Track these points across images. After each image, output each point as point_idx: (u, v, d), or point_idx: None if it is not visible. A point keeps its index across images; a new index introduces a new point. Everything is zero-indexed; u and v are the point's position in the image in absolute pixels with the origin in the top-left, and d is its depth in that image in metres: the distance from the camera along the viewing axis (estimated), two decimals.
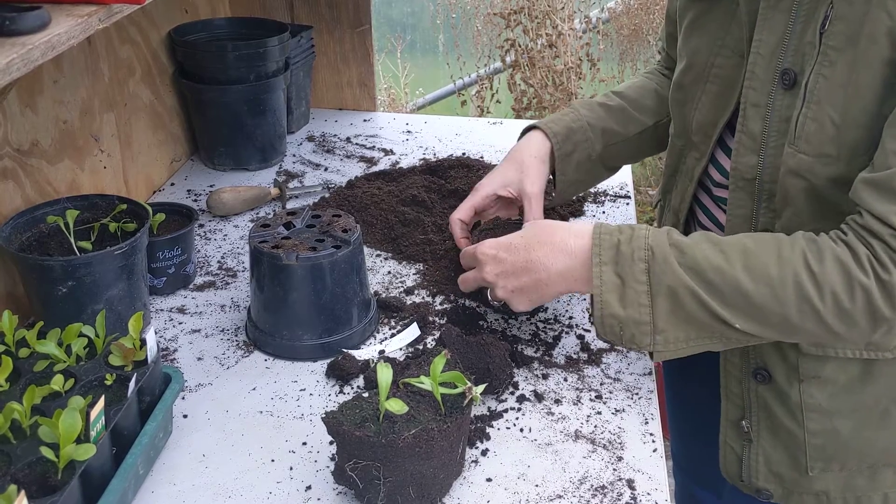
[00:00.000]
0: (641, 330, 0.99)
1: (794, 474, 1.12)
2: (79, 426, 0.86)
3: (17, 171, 1.27)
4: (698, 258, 0.96)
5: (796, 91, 0.99)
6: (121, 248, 1.18)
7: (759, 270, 0.94)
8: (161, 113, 1.72)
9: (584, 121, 1.34)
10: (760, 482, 1.14)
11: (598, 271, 1.01)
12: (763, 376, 1.10)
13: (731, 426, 1.16)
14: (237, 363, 1.22)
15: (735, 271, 0.94)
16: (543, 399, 1.14)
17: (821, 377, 1.06)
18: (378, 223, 1.53)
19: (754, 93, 1.04)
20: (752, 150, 1.04)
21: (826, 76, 0.95)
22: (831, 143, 0.95)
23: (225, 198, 1.60)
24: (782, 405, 1.09)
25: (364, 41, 2.03)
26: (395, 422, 0.93)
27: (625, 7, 3.61)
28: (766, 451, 1.12)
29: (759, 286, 0.94)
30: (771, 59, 1.02)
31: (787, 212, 1.02)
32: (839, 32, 0.94)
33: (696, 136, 1.17)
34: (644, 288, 0.98)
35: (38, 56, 0.79)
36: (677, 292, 0.96)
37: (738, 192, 1.07)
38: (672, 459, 1.62)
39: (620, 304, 0.99)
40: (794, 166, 0.98)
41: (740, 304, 0.95)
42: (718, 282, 0.95)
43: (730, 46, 1.10)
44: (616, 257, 1.00)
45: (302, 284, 1.18)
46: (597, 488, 1.00)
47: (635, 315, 0.99)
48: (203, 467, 1.04)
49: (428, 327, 1.28)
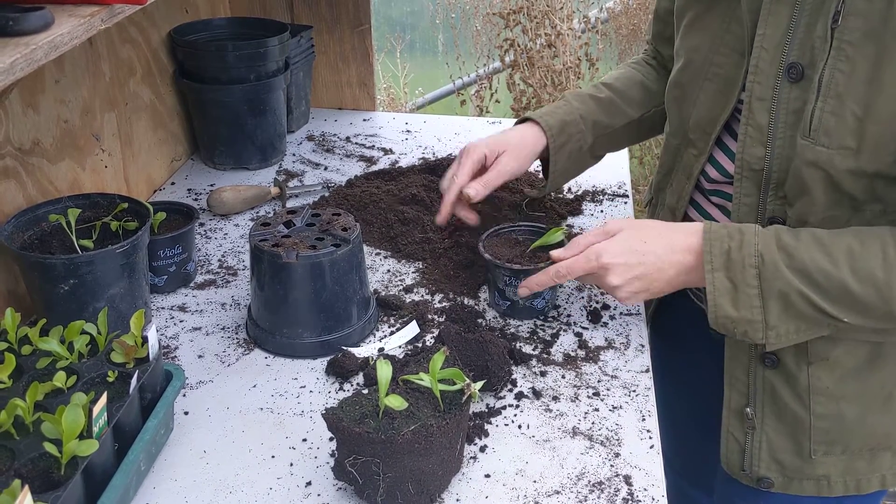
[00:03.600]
0: (754, 328, 1.04)
1: (797, 460, 1.14)
2: (81, 422, 0.87)
3: (19, 170, 1.28)
4: (806, 261, 1.00)
5: (805, 84, 1.01)
6: (122, 247, 1.18)
7: (866, 272, 0.99)
8: (161, 112, 1.73)
9: (577, 113, 1.37)
10: (762, 470, 1.16)
11: (710, 277, 1.04)
12: (772, 360, 1.12)
13: (734, 415, 1.18)
14: (238, 361, 1.23)
15: (842, 274, 0.99)
16: (541, 396, 1.15)
17: (829, 359, 1.09)
18: (377, 222, 1.54)
19: (759, 87, 1.05)
20: (760, 141, 1.06)
21: (843, 71, 0.97)
22: (852, 136, 0.98)
23: (225, 197, 1.61)
24: (790, 389, 1.12)
25: (364, 41, 2.04)
26: (395, 418, 0.94)
27: (623, 7, 3.62)
28: (769, 437, 1.15)
29: (866, 287, 0.99)
30: (775, 53, 1.04)
31: (801, 201, 1.05)
32: (855, 28, 0.96)
33: (693, 134, 1.18)
34: (755, 291, 1.02)
35: (42, 56, 0.80)
36: (788, 295, 1.01)
37: (744, 183, 1.10)
38: (663, 458, 1.62)
39: (733, 307, 1.03)
40: (812, 158, 1.00)
41: (847, 302, 1.00)
42: (826, 284, 1.00)
43: (729, 45, 1.11)
44: (727, 263, 1.04)
45: (302, 282, 1.19)
46: (594, 484, 1.01)
47: (748, 315, 1.03)
48: (204, 463, 1.05)
49: (427, 325, 1.29)
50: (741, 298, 1.03)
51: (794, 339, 1.05)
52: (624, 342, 1.26)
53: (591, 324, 1.30)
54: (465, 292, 1.37)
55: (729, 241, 1.04)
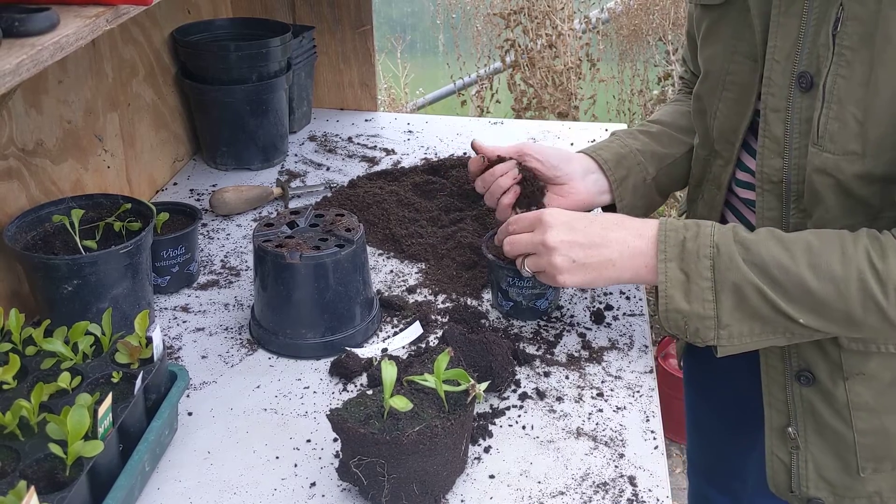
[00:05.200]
0: (706, 325, 1.01)
1: (846, 478, 1.10)
2: (87, 423, 0.87)
3: (22, 170, 1.28)
4: (763, 255, 0.98)
5: (814, 93, 1.00)
6: (126, 247, 1.18)
7: (824, 268, 0.96)
8: (164, 113, 1.73)
9: (631, 147, 1.32)
10: (811, 491, 1.12)
11: (663, 267, 1.02)
12: (807, 378, 1.09)
13: (777, 434, 1.14)
14: (241, 361, 1.23)
15: (800, 269, 0.96)
16: (545, 397, 1.15)
17: (865, 374, 1.06)
18: (380, 222, 1.54)
19: (773, 98, 1.05)
20: (777, 153, 1.05)
21: (844, 76, 0.96)
22: (856, 140, 0.96)
23: (227, 197, 1.60)
24: (829, 406, 1.08)
25: (365, 41, 2.04)
26: (399, 419, 0.94)
27: (624, 7, 3.61)
28: (815, 456, 1.11)
29: (824, 283, 0.96)
30: (787, 64, 1.03)
31: (817, 210, 1.03)
32: (853, 33, 0.95)
33: (718, 145, 1.17)
34: (709, 284, 1.00)
35: (47, 57, 0.80)
36: (742, 288, 0.98)
37: (765, 196, 1.08)
38: (688, 462, 1.62)
39: (685, 299, 1.01)
40: (821, 165, 0.99)
41: (805, 300, 0.97)
42: (783, 279, 0.97)
43: (742, 52, 1.10)
44: (681, 254, 1.02)
45: (305, 283, 1.19)
46: (598, 485, 1.01)
47: (699, 310, 1.01)
48: (208, 464, 1.05)
49: (430, 326, 1.29)
50: (693, 290, 1.01)
51: (747, 344, 1.02)
52: (627, 343, 1.26)
53: (594, 324, 1.30)
54: (468, 293, 1.37)
55: (685, 231, 1.03)
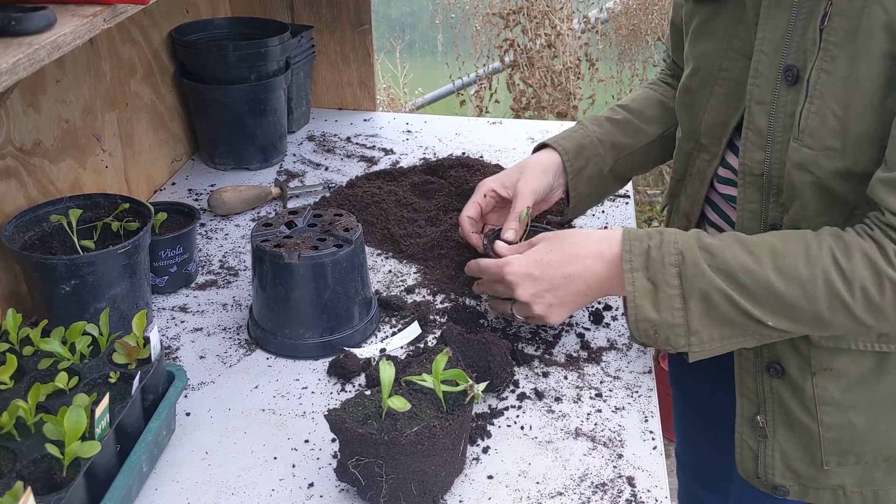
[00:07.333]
0: (676, 332, 1.01)
1: (811, 469, 1.12)
2: (84, 423, 0.86)
3: (20, 170, 1.28)
4: (728, 260, 0.98)
5: (799, 87, 1.00)
6: (124, 247, 1.18)
7: (789, 270, 0.96)
8: (162, 112, 1.73)
9: (594, 136, 1.34)
10: (777, 478, 1.14)
11: (630, 277, 1.02)
12: (776, 370, 1.10)
13: (747, 422, 1.16)
14: (239, 361, 1.23)
15: (765, 272, 0.96)
16: (544, 397, 1.15)
17: (833, 369, 1.07)
18: (379, 222, 1.54)
19: (759, 90, 1.05)
20: (760, 146, 1.05)
21: (828, 71, 0.96)
22: (835, 136, 0.96)
23: (226, 197, 1.60)
24: (797, 399, 1.10)
25: (364, 41, 2.04)
26: (398, 419, 0.94)
27: (623, 7, 3.61)
28: (781, 446, 1.13)
29: (790, 285, 0.96)
30: (774, 57, 1.03)
31: (794, 206, 1.03)
32: (839, 28, 0.95)
33: (705, 139, 1.17)
34: (676, 292, 1.00)
35: (45, 56, 0.80)
36: (709, 295, 0.98)
37: (747, 188, 1.09)
38: (676, 461, 1.62)
39: (654, 309, 1.01)
40: (800, 160, 0.99)
41: (772, 303, 0.97)
42: (749, 283, 0.97)
43: (737, 49, 1.10)
44: (647, 263, 1.02)
45: (304, 283, 1.19)
46: (597, 485, 1.01)
47: (669, 318, 1.01)
48: (206, 465, 1.05)
49: (429, 326, 1.29)
50: (662, 299, 1.01)
51: (718, 348, 1.02)
52: (626, 343, 1.26)
53: (593, 325, 1.30)
54: (467, 293, 1.36)
55: (648, 240, 1.03)
